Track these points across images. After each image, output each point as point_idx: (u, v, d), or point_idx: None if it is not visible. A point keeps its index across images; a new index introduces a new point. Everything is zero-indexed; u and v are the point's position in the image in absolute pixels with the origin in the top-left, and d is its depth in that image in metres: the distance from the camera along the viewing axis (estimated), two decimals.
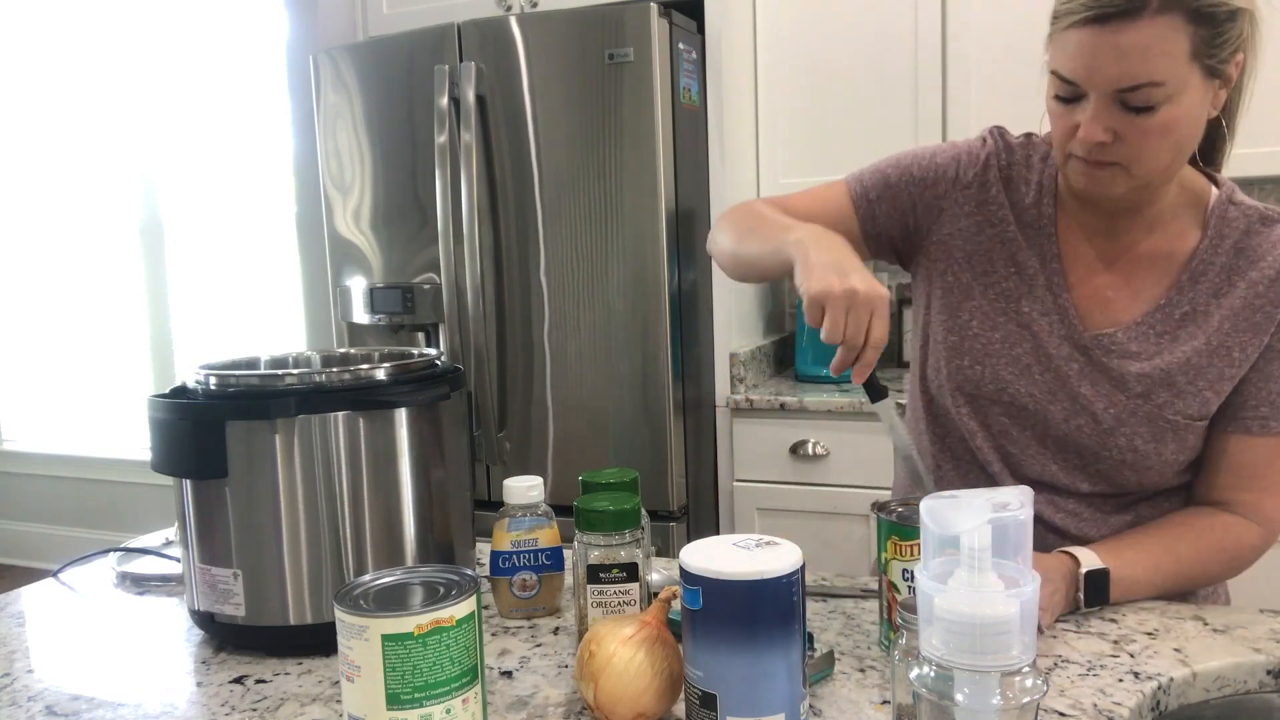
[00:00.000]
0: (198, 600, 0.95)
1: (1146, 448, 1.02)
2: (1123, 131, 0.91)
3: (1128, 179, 0.95)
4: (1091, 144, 0.92)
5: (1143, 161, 0.93)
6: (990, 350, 1.06)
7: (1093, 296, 1.05)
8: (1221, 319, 1.00)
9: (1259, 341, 1.00)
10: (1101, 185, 0.96)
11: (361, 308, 2.52)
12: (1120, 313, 1.04)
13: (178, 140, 3.84)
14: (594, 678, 0.75)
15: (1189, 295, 1.01)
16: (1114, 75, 0.88)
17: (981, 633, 0.54)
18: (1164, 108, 0.89)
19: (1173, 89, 0.88)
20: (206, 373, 0.96)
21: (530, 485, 1.02)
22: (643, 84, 2.14)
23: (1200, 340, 1.00)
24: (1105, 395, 1.02)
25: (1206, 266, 1.01)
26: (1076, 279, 1.05)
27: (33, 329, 4.28)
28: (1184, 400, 1.01)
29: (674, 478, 2.25)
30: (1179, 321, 1.01)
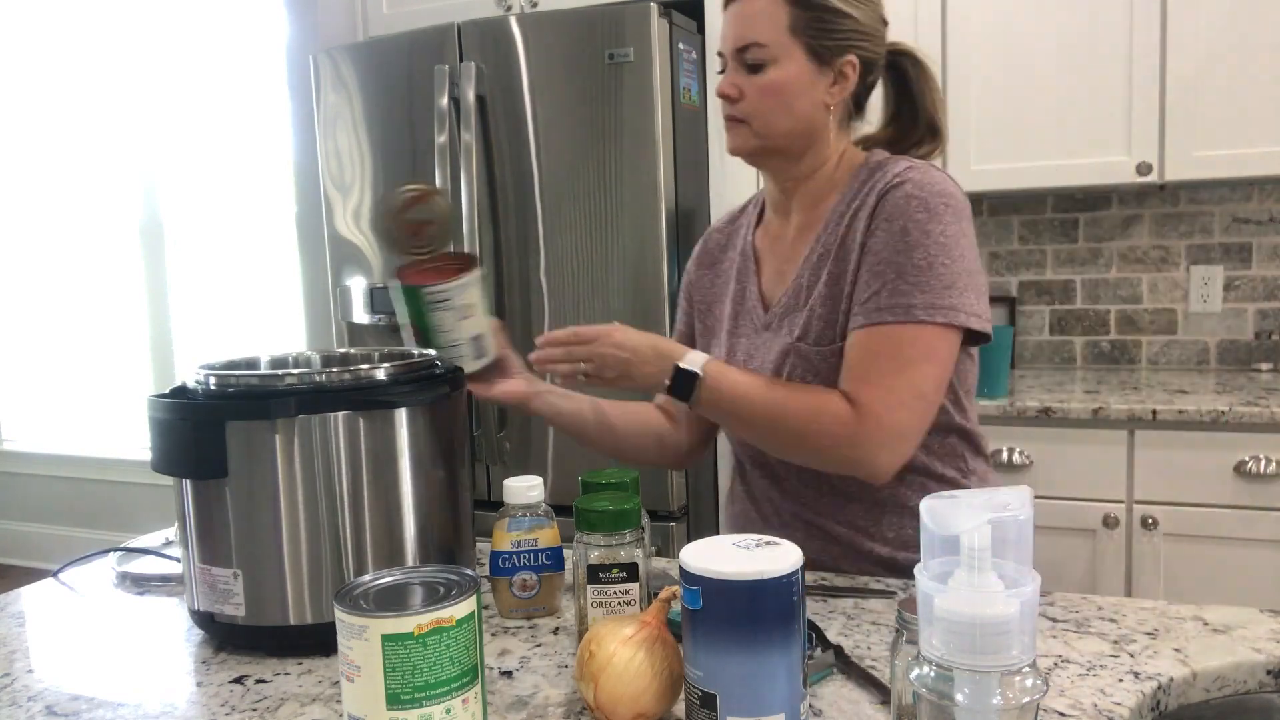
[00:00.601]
0: (198, 600, 0.95)
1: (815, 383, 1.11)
2: (744, 88, 1.12)
3: (753, 137, 1.13)
4: (720, 94, 1.13)
5: (760, 117, 1.12)
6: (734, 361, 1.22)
7: (774, 278, 1.21)
8: (840, 248, 1.12)
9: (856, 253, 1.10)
10: (734, 140, 1.15)
11: (361, 308, 2.52)
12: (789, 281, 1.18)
13: (178, 140, 3.84)
14: (594, 678, 0.75)
15: (823, 240, 1.14)
16: (733, 36, 1.12)
17: (981, 633, 0.54)
18: (770, 69, 1.10)
19: (776, 52, 1.09)
20: (206, 373, 0.96)
21: (530, 485, 1.02)
22: (643, 84, 2.14)
23: (834, 269, 1.12)
24: (780, 350, 1.15)
25: (840, 213, 1.14)
26: (768, 274, 1.22)
27: (33, 329, 4.28)
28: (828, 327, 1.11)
29: (674, 478, 2.25)
30: (817, 263, 1.14)
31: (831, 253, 1.12)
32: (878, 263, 1.07)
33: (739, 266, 1.26)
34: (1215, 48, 2.14)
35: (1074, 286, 2.63)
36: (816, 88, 1.12)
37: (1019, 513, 0.56)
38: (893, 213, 1.06)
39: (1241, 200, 2.46)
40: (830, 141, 1.15)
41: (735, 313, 1.24)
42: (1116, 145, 2.22)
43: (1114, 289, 2.59)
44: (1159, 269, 2.54)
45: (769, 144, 1.14)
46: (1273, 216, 2.44)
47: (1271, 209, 2.44)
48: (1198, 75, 2.15)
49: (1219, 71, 2.14)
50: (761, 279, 1.23)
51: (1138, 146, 2.21)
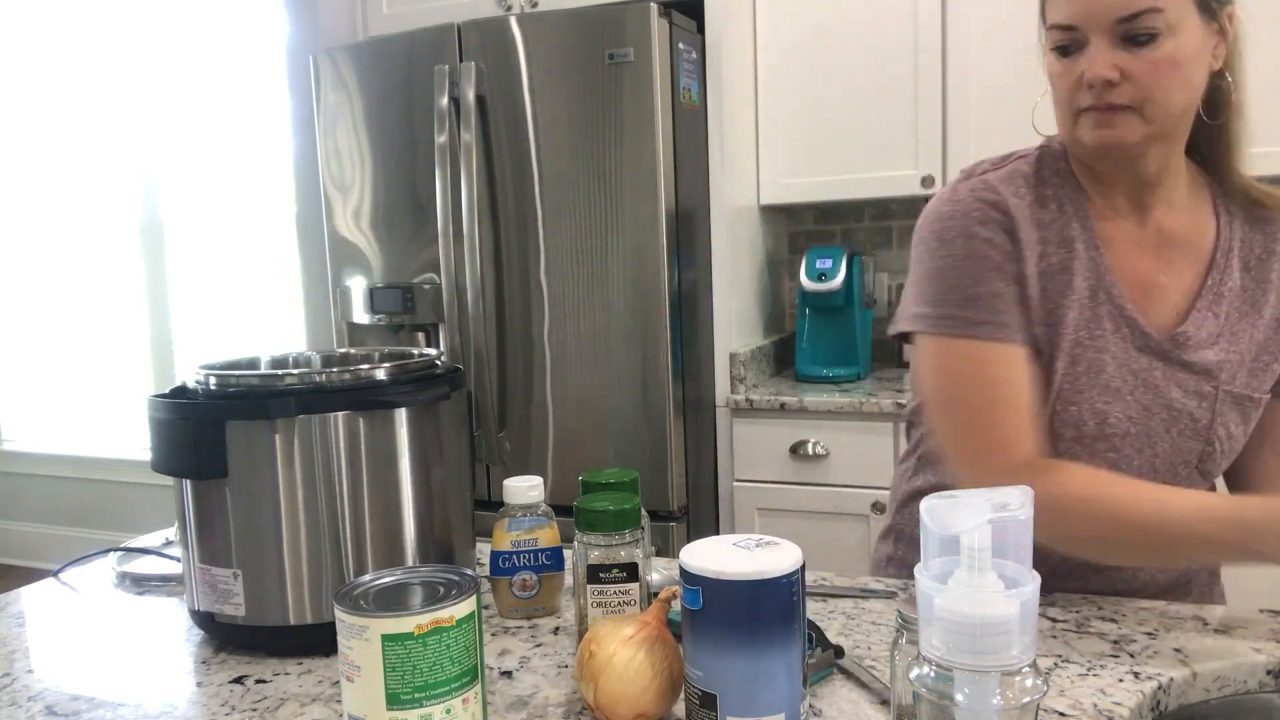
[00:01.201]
0: (198, 600, 0.95)
1: (1238, 431, 1.02)
2: (1129, 68, 0.90)
3: (1142, 123, 0.92)
4: (1100, 81, 0.90)
5: (1155, 100, 0.91)
6: (1079, 386, 0.98)
7: (1146, 288, 1.00)
8: (1263, 292, 1.01)
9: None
10: (1117, 132, 0.92)
11: (361, 308, 2.52)
12: (1176, 300, 1.00)
13: (178, 140, 3.84)
14: (594, 678, 0.75)
15: (1227, 273, 1.01)
16: (1111, 5, 0.89)
17: (981, 633, 0.54)
18: (1166, 39, 0.89)
19: (1173, 17, 0.89)
20: (206, 373, 0.96)
21: (530, 485, 1.02)
22: (643, 84, 2.14)
23: (1253, 315, 1.01)
24: (1195, 391, 0.99)
25: (1231, 243, 1.01)
26: (1127, 278, 1.00)
27: (33, 329, 4.28)
28: (1258, 378, 1.01)
29: (674, 478, 2.25)
30: (1229, 298, 1.01)
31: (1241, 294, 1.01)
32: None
33: (1082, 256, 0.99)
34: None
35: None
36: (1206, 51, 0.93)
37: (1019, 513, 0.56)
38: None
39: None
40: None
41: (1087, 319, 0.99)
42: None
43: None
44: None
45: (1162, 129, 0.93)
46: None
47: None
48: None
49: None
50: (1121, 283, 1.00)
51: None
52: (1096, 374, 0.98)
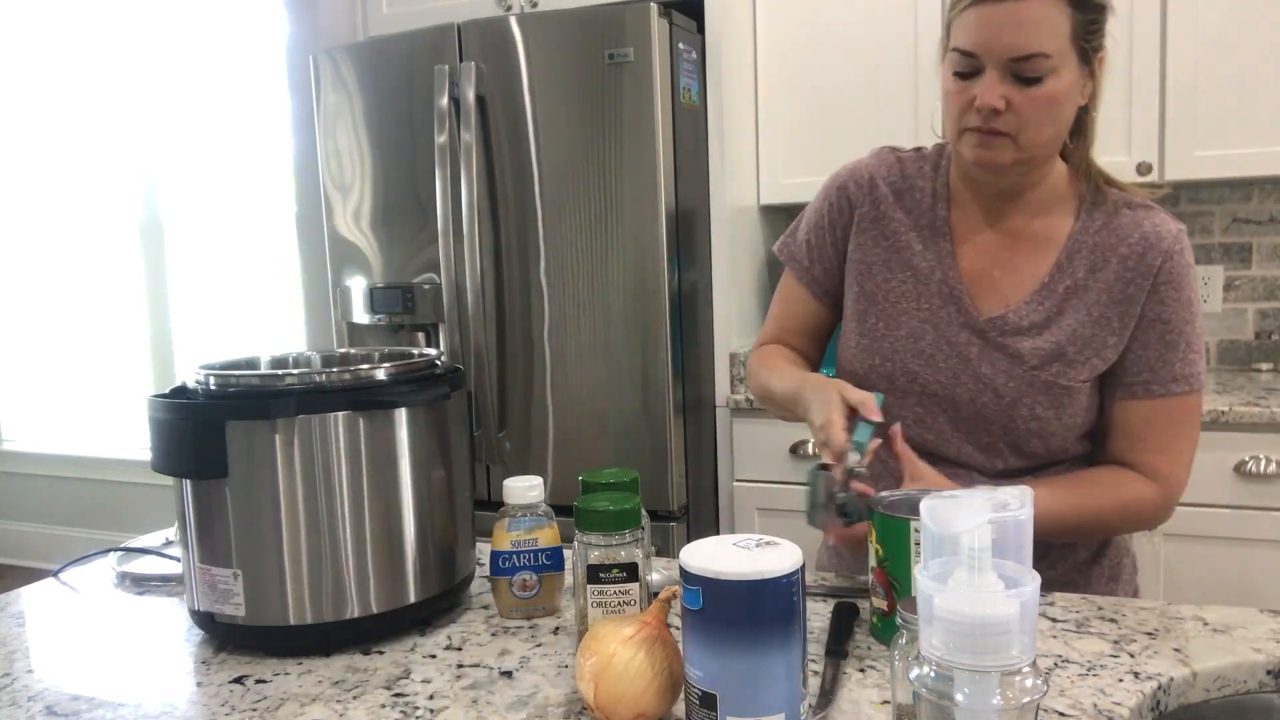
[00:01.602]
0: (198, 600, 0.95)
1: (1047, 414, 1.11)
2: (1014, 101, 1.02)
3: (1014, 149, 1.05)
4: (988, 109, 1.02)
5: (1028, 132, 1.03)
6: (897, 347, 1.17)
7: (982, 280, 1.15)
8: (1099, 292, 1.10)
9: (1134, 311, 1.09)
10: (992, 153, 1.05)
11: (361, 308, 2.52)
12: (1009, 293, 1.14)
13: (178, 140, 3.84)
14: (594, 678, 0.75)
15: (1068, 272, 1.11)
16: (1010, 44, 1.00)
17: (981, 633, 0.54)
18: (1049, 80, 1.01)
19: (1057, 63, 1.01)
20: (206, 373, 0.96)
21: (530, 485, 1.02)
22: (643, 84, 2.14)
23: (1083, 313, 1.10)
24: (1004, 371, 1.12)
25: (1080, 245, 1.11)
26: (967, 269, 1.16)
27: (33, 329, 4.28)
28: (1075, 369, 1.11)
29: (674, 478, 2.25)
30: (1062, 296, 1.11)
31: (1083, 289, 1.10)
32: (1169, 331, 1.09)
33: (928, 243, 1.17)
34: (1215, 48, 2.14)
35: None
36: (1078, 91, 1.06)
37: (1019, 513, 0.56)
38: (1179, 281, 1.08)
39: (1241, 200, 2.46)
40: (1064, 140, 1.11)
41: (919, 294, 1.17)
42: (1116, 145, 2.22)
43: None
44: None
45: (1028, 155, 1.06)
46: (1273, 216, 2.44)
47: (1271, 209, 2.44)
48: (1198, 75, 2.15)
49: (1219, 71, 2.14)
50: (964, 275, 1.16)
51: (1138, 146, 2.21)
52: (915, 340, 1.16)
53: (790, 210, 2.85)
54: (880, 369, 1.17)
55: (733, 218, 2.42)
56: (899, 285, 1.18)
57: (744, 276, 2.54)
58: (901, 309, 1.18)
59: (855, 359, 1.20)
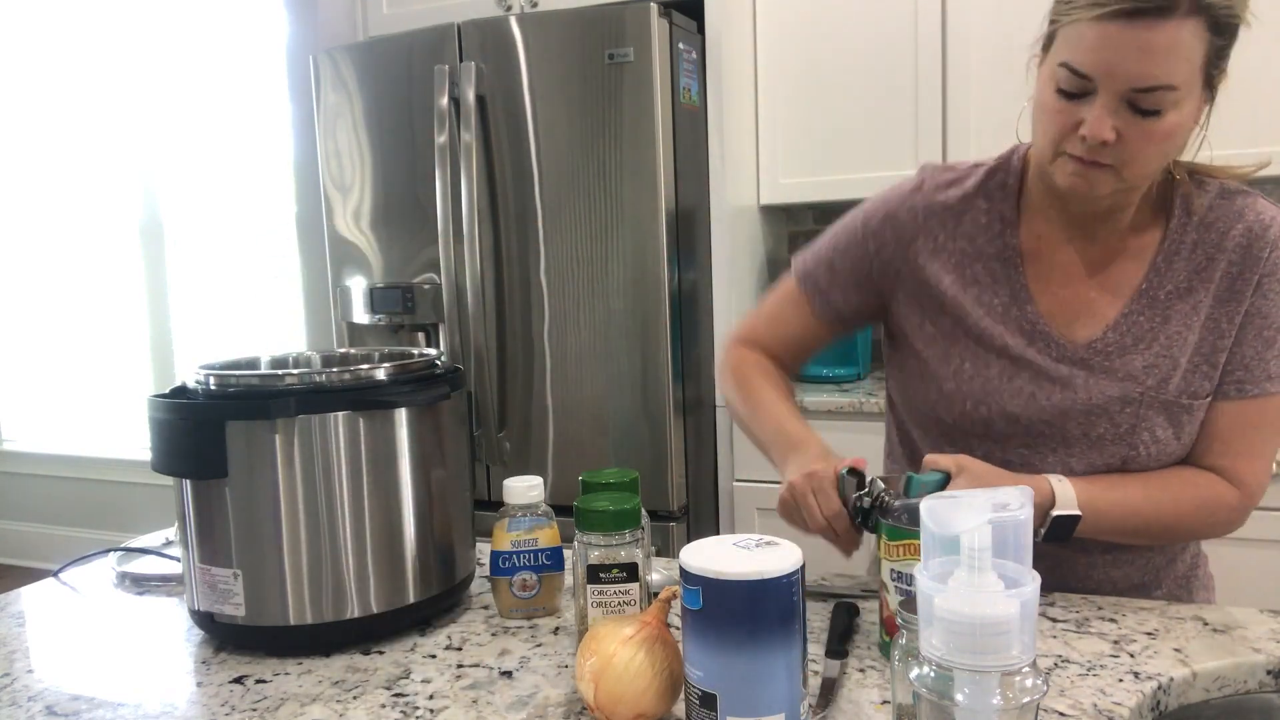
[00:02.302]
0: (198, 600, 0.95)
1: (1167, 435, 1.02)
2: (1126, 133, 0.90)
3: (1116, 181, 0.94)
4: (1097, 141, 0.90)
5: (1136, 165, 0.92)
6: (990, 388, 1.05)
7: (1072, 303, 1.04)
8: (1207, 294, 1.01)
9: (1240, 309, 1.00)
10: (1090, 185, 0.94)
11: (361, 308, 2.52)
12: (1105, 311, 1.03)
13: (178, 140, 3.84)
14: (594, 678, 0.75)
15: (1168, 275, 1.02)
16: (1134, 73, 0.87)
17: (981, 633, 0.54)
18: (1170, 114, 0.89)
19: (1182, 95, 0.88)
20: (206, 373, 0.96)
21: (530, 485, 1.02)
22: (643, 84, 2.14)
23: (1191, 316, 1.01)
24: (1118, 397, 1.02)
25: (1179, 245, 1.02)
26: (1050, 295, 1.05)
27: (33, 329, 4.28)
28: (1190, 381, 1.01)
29: (674, 478, 2.25)
30: (1165, 302, 1.02)
31: (1188, 292, 1.01)
32: (1268, 328, 1.00)
33: (997, 273, 1.06)
34: None
35: None
36: (1197, 116, 0.94)
37: (1019, 513, 0.56)
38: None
39: None
40: None
41: (1000, 330, 1.05)
42: None
43: None
44: None
45: (1129, 187, 0.96)
46: None
47: None
48: None
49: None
50: (1038, 297, 1.05)
51: None
52: (1009, 379, 1.04)
53: (790, 210, 2.85)
54: (975, 414, 1.06)
55: (733, 218, 2.42)
56: (977, 321, 1.06)
57: (744, 276, 2.54)
58: (985, 346, 1.05)
59: (940, 406, 1.08)
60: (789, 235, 2.92)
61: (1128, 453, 1.03)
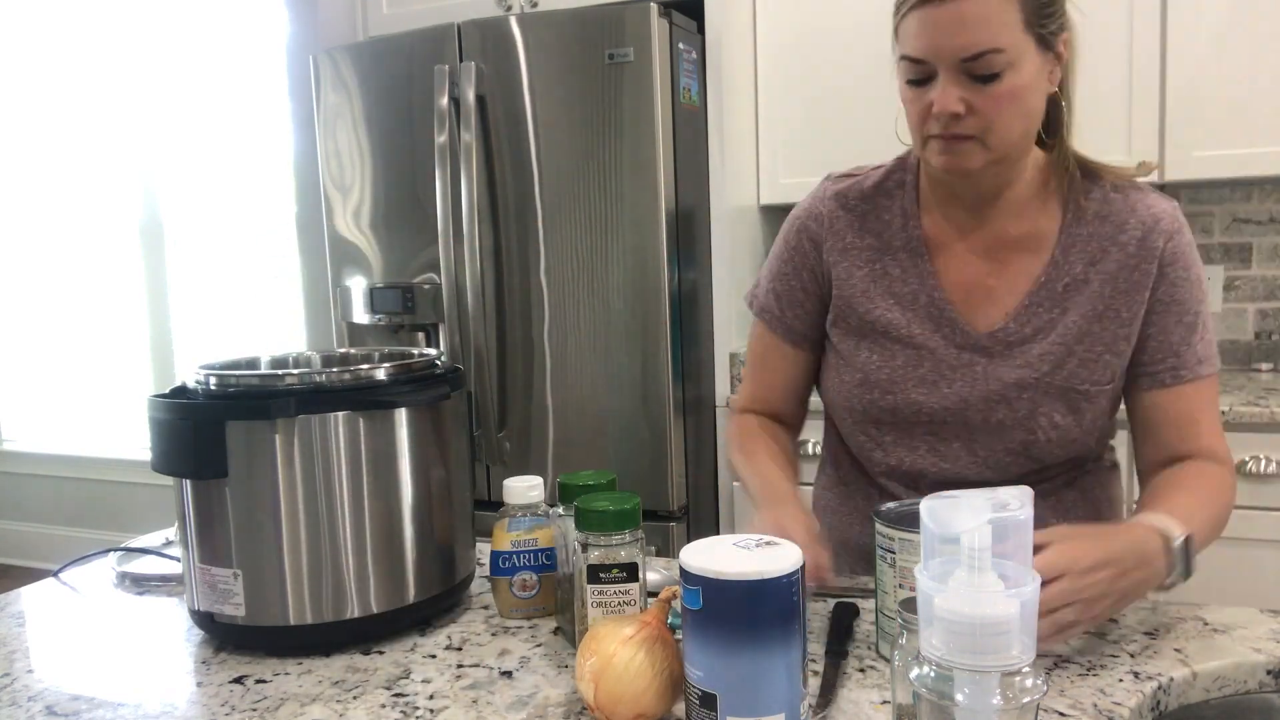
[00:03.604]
0: (198, 600, 0.95)
1: (1066, 421, 1.07)
2: (974, 102, 0.96)
3: (984, 151, 0.99)
4: (946, 114, 0.97)
5: (996, 130, 0.98)
6: (895, 378, 1.11)
7: (974, 290, 1.10)
8: (1101, 284, 1.05)
9: (1141, 298, 1.05)
10: (960, 159, 1.00)
11: (361, 308, 2.52)
12: (1006, 301, 1.09)
13: (178, 140, 3.84)
14: (594, 678, 0.75)
15: (1065, 268, 1.07)
16: (959, 44, 0.94)
17: (981, 633, 0.54)
18: (1008, 75, 0.95)
19: (1013, 55, 0.95)
20: (206, 373, 0.96)
21: (530, 485, 1.02)
22: (643, 84, 2.14)
23: (1087, 307, 1.06)
24: (1015, 383, 1.07)
25: (1075, 238, 1.07)
26: (955, 283, 1.10)
27: (33, 329, 4.28)
28: (1088, 368, 1.06)
29: (674, 478, 2.25)
30: (1062, 293, 1.06)
31: (1084, 284, 1.05)
32: (1185, 314, 1.05)
33: (906, 265, 1.12)
34: (1215, 48, 2.14)
35: None
36: (1044, 79, 0.99)
37: (1019, 513, 0.56)
38: (1186, 260, 1.05)
39: (1241, 200, 2.46)
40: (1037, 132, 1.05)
41: (907, 319, 1.11)
42: (1117, 145, 2.22)
43: None
44: None
45: (1000, 155, 1.00)
46: (1273, 216, 2.44)
47: (1271, 209, 2.44)
48: (1198, 75, 2.15)
49: (1219, 71, 2.14)
50: (950, 295, 1.10)
51: (1138, 146, 2.21)
52: (914, 368, 1.10)
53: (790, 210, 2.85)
54: (881, 403, 1.12)
55: (733, 218, 2.42)
56: (884, 314, 1.12)
57: (744, 276, 2.54)
58: (892, 337, 1.12)
59: (850, 397, 1.14)
60: None
61: (1027, 438, 1.08)
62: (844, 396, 1.16)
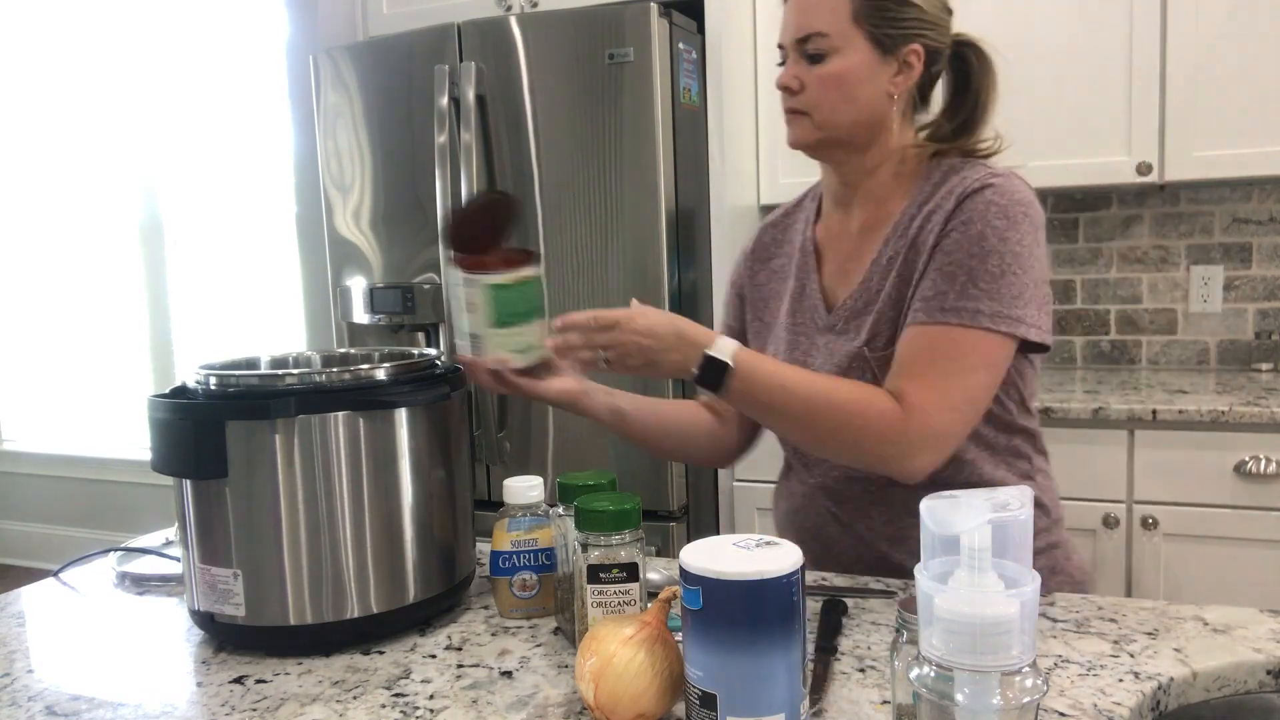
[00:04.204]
0: (198, 600, 0.95)
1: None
2: (805, 79, 1.09)
3: (813, 128, 1.11)
4: (781, 88, 1.11)
5: (822, 110, 1.10)
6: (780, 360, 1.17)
7: (837, 278, 1.18)
8: (918, 251, 1.09)
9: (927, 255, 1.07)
10: (794, 132, 1.13)
11: (361, 308, 2.52)
12: (854, 280, 1.16)
13: (178, 140, 3.84)
14: (594, 678, 0.75)
15: (894, 242, 1.12)
16: (793, 26, 1.10)
17: (981, 633, 0.54)
18: (832, 59, 1.08)
19: (838, 41, 1.07)
20: (206, 373, 0.96)
21: (530, 485, 1.02)
22: (643, 84, 2.14)
23: (907, 274, 1.09)
24: (848, 353, 1.12)
25: (908, 216, 1.11)
26: (830, 272, 1.19)
27: (33, 329, 4.28)
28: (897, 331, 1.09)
29: (674, 478, 2.25)
30: (886, 266, 1.12)
31: (901, 255, 1.10)
32: (949, 263, 1.04)
33: (798, 263, 1.23)
34: (1215, 48, 2.14)
35: (1074, 286, 2.63)
36: (879, 77, 1.09)
37: (1019, 513, 0.56)
38: (972, 216, 1.04)
39: (1241, 200, 2.46)
40: (895, 132, 1.13)
41: (793, 310, 1.21)
42: (1116, 145, 2.22)
43: (1114, 289, 2.59)
44: (1159, 269, 2.54)
45: (831, 135, 1.11)
46: (1273, 216, 2.44)
47: (1271, 209, 2.44)
48: (1198, 75, 2.15)
49: (1219, 71, 2.14)
50: (823, 276, 1.20)
51: (1138, 146, 2.21)
52: (790, 351, 1.20)
53: None
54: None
55: (733, 218, 2.42)
56: (780, 307, 1.23)
57: None
58: (782, 325, 1.22)
59: None
60: None
61: None
62: None
